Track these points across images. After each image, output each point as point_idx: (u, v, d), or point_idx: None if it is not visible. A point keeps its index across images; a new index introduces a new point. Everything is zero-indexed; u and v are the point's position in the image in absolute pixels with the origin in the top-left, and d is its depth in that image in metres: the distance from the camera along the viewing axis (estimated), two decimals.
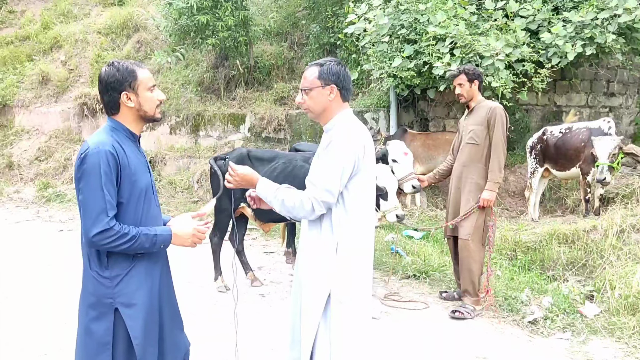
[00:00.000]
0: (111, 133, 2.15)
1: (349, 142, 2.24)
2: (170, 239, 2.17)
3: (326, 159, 2.25)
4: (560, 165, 6.44)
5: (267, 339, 3.96)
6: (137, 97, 2.15)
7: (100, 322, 2.09)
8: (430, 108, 8.47)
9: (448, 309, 4.48)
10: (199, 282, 5.21)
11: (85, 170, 2.04)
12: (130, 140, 2.19)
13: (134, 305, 2.11)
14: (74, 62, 11.76)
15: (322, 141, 2.38)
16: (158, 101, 2.21)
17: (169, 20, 9.31)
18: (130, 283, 2.11)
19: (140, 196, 2.15)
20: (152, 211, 2.22)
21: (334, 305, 2.25)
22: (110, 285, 2.09)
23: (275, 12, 10.47)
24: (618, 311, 4.08)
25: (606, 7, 6.08)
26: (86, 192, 2.04)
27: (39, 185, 9.88)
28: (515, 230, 5.75)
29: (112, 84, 2.13)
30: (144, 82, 2.16)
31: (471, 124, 4.47)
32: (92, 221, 2.02)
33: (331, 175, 2.21)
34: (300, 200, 2.23)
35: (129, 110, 2.17)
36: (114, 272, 2.10)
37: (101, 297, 2.10)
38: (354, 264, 2.29)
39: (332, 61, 2.37)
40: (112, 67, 2.14)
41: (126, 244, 2.04)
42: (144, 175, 2.20)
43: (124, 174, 2.09)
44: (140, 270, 2.14)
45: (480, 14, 6.82)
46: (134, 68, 2.15)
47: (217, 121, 9.73)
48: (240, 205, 4.94)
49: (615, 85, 7.92)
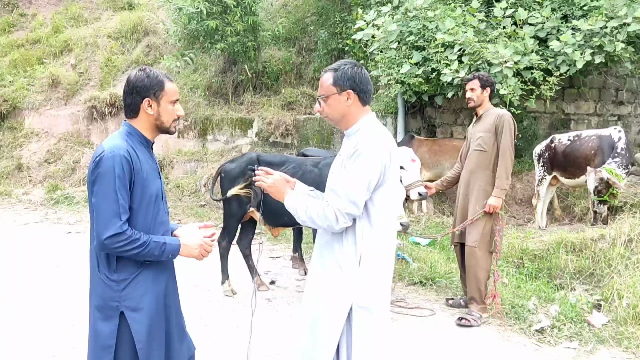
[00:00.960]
0: (126, 137, 2.18)
1: (376, 151, 2.17)
2: (179, 249, 2.19)
3: (352, 169, 2.16)
4: (569, 172, 6.43)
5: (273, 344, 3.96)
6: (158, 106, 2.19)
7: (105, 325, 2.12)
8: (438, 115, 8.47)
9: (454, 316, 4.47)
10: (206, 286, 5.23)
11: (100, 173, 2.07)
12: (143, 146, 2.23)
13: (140, 309, 2.12)
14: (84, 66, 11.86)
15: (344, 147, 2.33)
16: (177, 116, 2.25)
17: (178, 25, 9.39)
18: (137, 287, 2.13)
19: (150, 202, 2.17)
20: (161, 217, 2.24)
21: (358, 315, 2.20)
22: (118, 288, 2.11)
23: (284, 18, 10.53)
24: (626, 321, 4.06)
25: (615, 15, 6.08)
26: (100, 195, 2.07)
27: (48, 187, 9.96)
28: (522, 238, 5.74)
29: (138, 88, 2.17)
30: (169, 94, 2.20)
31: (479, 131, 4.48)
32: (104, 224, 2.04)
33: (357, 187, 2.14)
34: (324, 211, 2.17)
35: (147, 117, 2.21)
36: (122, 275, 2.12)
37: (108, 300, 2.12)
38: (377, 276, 2.24)
39: (347, 64, 2.28)
40: (142, 72, 2.19)
41: (136, 249, 2.07)
42: (155, 181, 2.22)
43: (137, 179, 2.12)
44: (148, 275, 2.16)
45: (489, 22, 6.84)
46: (163, 79, 2.20)
47: (225, 125, 9.78)
48: (250, 210, 4.95)
49: (624, 94, 7.89)
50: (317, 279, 2.32)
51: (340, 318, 2.21)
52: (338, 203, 2.15)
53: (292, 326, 4.23)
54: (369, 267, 2.22)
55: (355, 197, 2.14)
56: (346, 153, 2.26)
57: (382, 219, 2.24)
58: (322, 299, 2.26)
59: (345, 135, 2.38)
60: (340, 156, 2.35)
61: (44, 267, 5.89)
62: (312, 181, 4.64)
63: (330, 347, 2.21)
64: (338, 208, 2.15)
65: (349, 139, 2.32)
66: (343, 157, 2.30)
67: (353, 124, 2.30)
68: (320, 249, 2.36)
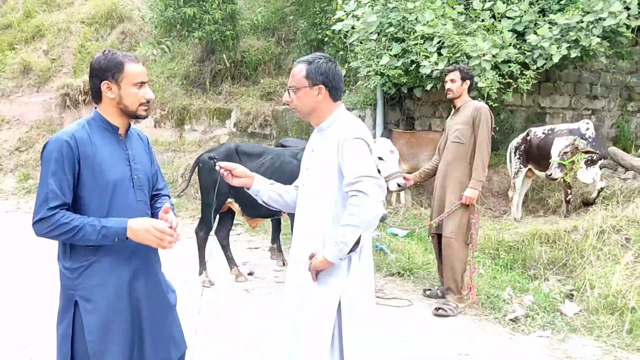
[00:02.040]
0: (84, 124, 2.12)
1: (363, 136, 2.18)
2: (125, 232, 2.02)
3: (354, 154, 2.14)
4: (543, 165, 6.53)
5: (251, 335, 3.95)
6: (118, 89, 2.09)
7: (64, 313, 2.09)
8: (417, 107, 8.51)
9: (431, 307, 4.52)
10: (183, 277, 5.17)
11: (41, 159, 2.08)
12: (108, 132, 2.14)
13: (93, 300, 2.05)
14: (56, 52, 11.56)
15: (316, 142, 2.30)
16: (144, 99, 2.13)
17: (154, 12, 9.21)
18: (92, 276, 2.06)
19: (107, 189, 2.08)
20: (128, 206, 2.13)
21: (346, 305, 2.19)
22: (71, 277, 2.07)
23: (263, 7, 10.41)
24: (597, 310, 4.16)
25: (591, 10, 6.16)
26: (39, 180, 2.07)
27: (19, 176, 9.72)
28: (498, 230, 5.82)
29: (96, 71, 2.10)
30: (130, 76, 2.09)
31: (457, 123, 4.52)
32: (35, 210, 2.02)
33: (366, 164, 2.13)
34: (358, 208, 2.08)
35: (109, 102, 2.12)
36: (75, 263, 2.07)
37: (64, 288, 2.09)
38: (361, 266, 2.25)
39: (322, 58, 2.24)
40: (102, 55, 2.12)
41: (67, 234, 1.98)
42: (118, 168, 2.12)
43: (85, 164, 2.04)
44: (104, 265, 2.07)
45: (468, 14, 6.87)
46: (123, 60, 2.09)
47: (203, 115, 9.66)
48: (228, 201, 4.92)
49: (598, 88, 8.03)
50: (299, 271, 2.30)
51: (331, 310, 2.19)
52: (363, 185, 2.09)
53: (270, 317, 4.21)
54: (353, 257, 2.22)
55: (369, 171, 2.11)
56: (324, 147, 2.23)
57: None
58: (308, 293, 2.24)
59: (316, 129, 2.34)
60: (313, 151, 2.31)
61: (15, 257, 5.75)
62: (290, 172, 4.62)
63: (324, 342, 2.18)
64: (363, 191, 2.08)
65: (322, 133, 2.30)
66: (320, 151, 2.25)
67: (325, 119, 2.28)
68: (299, 239, 2.34)
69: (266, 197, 2.41)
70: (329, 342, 2.19)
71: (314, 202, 2.26)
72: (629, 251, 4.68)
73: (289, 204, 2.44)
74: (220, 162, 2.39)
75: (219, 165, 2.37)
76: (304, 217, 2.32)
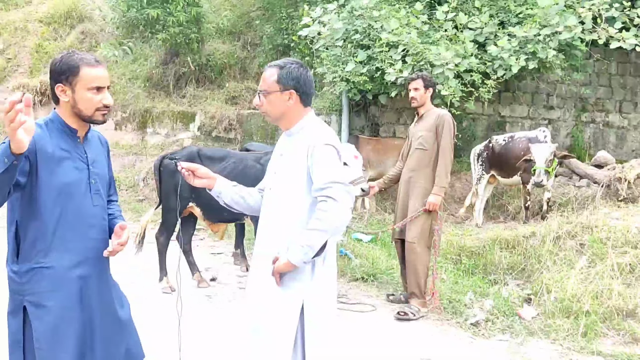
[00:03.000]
0: (42, 124, 2.04)
1: (331, 142, 2.19)
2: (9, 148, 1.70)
3: (324, 161, 2.14)
4: (504, 171, 6.73)
5: (212, 341, 3.88)
6: (72, 93, 2.02)
7: (13, 318, 2.02)
8: (381, 113, 8.61)
9: (395, 312, 4.55)
10: (142, 283, 5.04)
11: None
12: (65, 134, 2.07)
13: (42, 306, 1.98)
14: (12, 51, 11.17)
15: (284, 146, 2.30)
16: (102, 104, 2.05)
17: (116, 12, 9.03)
18: (41, 282, 1.99)
19: (62, 191, 2.01)
20: (85, 210, 2.08)
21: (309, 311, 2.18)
22: (20, 281, 1.99)
23: (229, 11, 10.35)
24: (554, 314, 4.27)
25: (548, 24, 6.39)
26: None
27: None
28: (460, 236, 5.93)
29: (52, 73, 2.05)
30: (85, 80, 2.01)
31: (420, 130, 4.58)
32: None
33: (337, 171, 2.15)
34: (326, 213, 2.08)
35: (64, 104, 2.06)
36: (23, 266, 1.99)
37: (13, 293, 2.02)
38: (324, 271, 2.24)
39: (294, 63, 2.23)
40: (59, 57, 2.06)
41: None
42: (75, 171, 2.06)
43: (42, 160, 1.96)
44: (54, 271, 2.00)
45: (432, 24, 7.01)
46: (80, 64, 2.01)
47: (166, 118, 9.49)
48: (189, 205, 4.83)
49: (554, 99, 8.33)
50: (261, 277, 2.26)
51: (293, 315, 2.17)
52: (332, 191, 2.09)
53: (232, 323, 4.15)
54: (317, 261, 2.20)
55: (340, 178, 2.12)
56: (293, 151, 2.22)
57: None
58: (271, 297, 2.21)
59: (285, 133, 2.34)
60: (282, 156, 2.29)
61: None
62: (253, 176, 4.58)
63: (287, 345, 2.16)
64: (335, 195, 2.08)
65: (291, 137, 2.29)
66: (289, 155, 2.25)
67: (294, 124, 2.27)
68: (263, 244, 2.31)
69: (228, 199, 2.37)
70: (292, 346, 2.17)
71: (281, 206, 2.24)
72: (583, 256, 4.84)
73: (251, 206, 2.41)
74: (182, 162, 2.35)
75: (181, 165, 2.32)
76: (269, 221, 2.28)
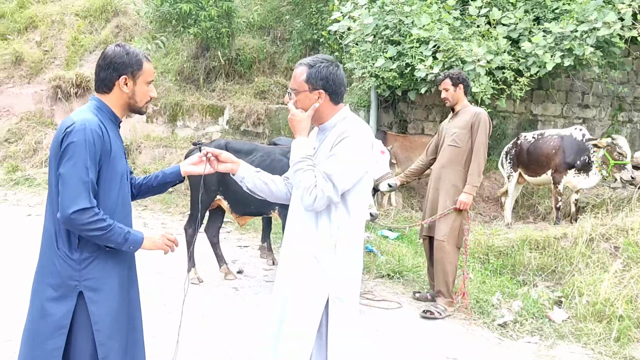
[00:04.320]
0: (96, 112, 2.11)
1: (363, 137, 2.17)
2: (141, 243, 2.12)
3: (341, 156, 2.12)
4: (531, 170, 6.57)
5: (239, 333, 3.92)
6: (134, 85, 2.14)
7: (60, 304, 2.03)
8: (410, 110, 8.53)
9: (421, 310, 4.51)
10: (170, 273, 5.13)
11: (71, 144, 1.98)
12: (112, 123, 2.17)
13: (100, 290, 2.06)
14: (49, 44, 11.45)
15: (319, 141, 2.29)
16: (150, 97, 2.21)
17: (150, 7, 9.14)
18: (98, 267, 2.06)
19: (116, 181, 2.11)
20: (126, 198, 2.20)
21: (334, 306, 2.18)
22: (78, 267, 2.04)
23: (259, 6, 10.38)
24: (585, 317, 4.18)
25: (586, 20, 6.21)
26: (69, 167, 1.97)
27: (8, 167, 9.59)
28: (488, 235, 5.84)
29: (116, 64, 2.11)
30: (146, 74, 2.16)
31: (454, 127, 4.52)
32: (72, 198, 1.96)
33: (345, 174, 2.12)
34: (310, 188, 2.11)
35: (120, 95, 2.14)
36: (83, 254, 2.05)
37: (66, 279, 2.04)
38: (351, 264, 2.23)
39: (324, 62, 2.22)
40: (122, 49, 2.14)
41: (100, 231, 1.99)
42: (122, 160, 2.17)
43: (105, 156, 2.06)
44: (109, 257, 2.09)
45: (464, 20, 6.89)
46: (142, 58, 2.16)
47: (196, 112, 9.60)
48: (217, 198, 4.88)
49: (590, 98, 8.10)
50: (289, 270, 2.27)
51: (318, 310, 2.18)
52: (323, 185, 2.10)
53: (258, 316, 4.19)
54: (344, 257, 2.20)
55: (340, 183, 2.11)
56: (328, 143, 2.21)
57: (358, 209, 2.22)
58: (297, 290, 2.22)
59: (319, 129, 2.34)
60: (314, 149, 2.28)
61: (2, 249, 5.67)
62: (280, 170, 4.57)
63: (309, 341, 2.17)
64: (322, 189, 2.10)
65: (325, 133, 2.28)
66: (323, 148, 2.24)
67: (326, 120, 2.27)
68: (290, 238, 2.31)
69: (251, 184, 2.38)
70: (314, 338, 2.18)
71: None
72: (618, 259, 4.71)
73: (274, 193, 2.41)
74: (205, 147, 2.39)
75: (205, 150, 2.35)
76: (298, 214, 2.27)
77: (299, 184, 2.15)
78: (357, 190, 2.20)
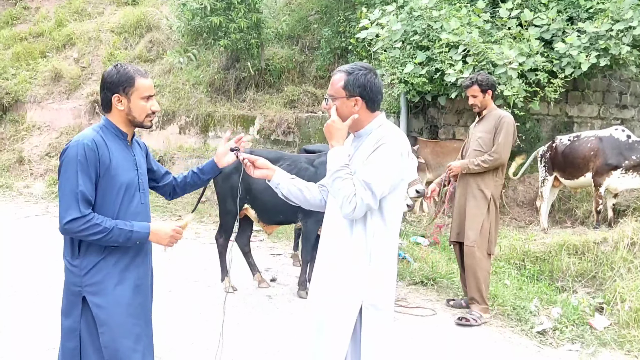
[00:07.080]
0: (98, 130, 2.26)
1: (398, 144, 2.17)
2: (147, 237, 2.24)
3: (376, 160, 2.13)
4: (567, 173, 6.40)
5: (273, 341, 3.94)
6: (128, 102, 2.25)
7: (70, 310, 2.22)
8: (441, 115, 8.45)
9: (455, 317, 4.45)
10: (206, 282, 5.21)
11: (64, 161, 2.17)
12: (118, 139, 2.29)
13: (103, 295, 2.18)
14: (86, 60, 11.84)
15: (355, 147, 2.29)
16: (150, 111, 2.29)
17: (182, 21, 9.35)
18: (100, 274, 2.19)
19: (120, 191, 2.23)
20: (135, 208, 2.29)
21: (367, 313, 2.18)
22: (79, 273, 2.19)
23: (288, 16, 10.49)
24: (628, 324, 4.05)
25: (621, 18, 6.05)
26: (62, 181, 2.16)
27: (49, 180, 9.94)
28: (524, 240, 5.72)
29: (108, 84, 2.24)
30: (140, 90, 2.25)
31: (479, 131, 4.49)
32: (65, 209, 2.12)
33: (383, 182, 2.11)
34: (349, 196, 2.09)
35: (118, 112, 2.27)
36: (84, 262, 2.19)
37: (70, 285, 2.21)
38: (386, 273, 2.23)
39: (362, 69, 2.23)
40: (114, 68, 2.26)
41: (98, 234, 2.12)
42: (128, 172, 2.28)
43: (103, 168, 2.18)
44: (111, 261, 2.22)
45: (494, 22, 6.81)
46: (134, 75, 2.24)
47: (227, 122, 9.75)
48: (244, 207, 4.92)
49: (628, 98, 7.85)
50: (324, 277, 2.29)
51: (351, 316, 2.18)
52: (363, 193, 2.09)
53: (292, 323, 4.21)
54: (379, 264, 2.21)
55: (378, 190, 2.10)
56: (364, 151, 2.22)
57: (394, 216, 2.23)
58: (332, 297, 2.23)
59: (354, 136, 2.35)
60: (349, 156, 2.27)
61: (44, 260, 5.87)
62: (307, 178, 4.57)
63: (342, 345, 2.18)
64: (361, 197, 2.09)
65: (361, 140, 2.29)
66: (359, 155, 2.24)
67: (363, 127, 2.27)
68: (326, 245, 2.32)
69: (286, 191, 2.41)
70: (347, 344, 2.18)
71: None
72: None
73: (308, 200, 2.43)
74: (242, 153, 2.43)
75: (242, 156, 2.40)
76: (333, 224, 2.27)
77: (337, 192, 2.15)
78: (392, 197, 2.20)
